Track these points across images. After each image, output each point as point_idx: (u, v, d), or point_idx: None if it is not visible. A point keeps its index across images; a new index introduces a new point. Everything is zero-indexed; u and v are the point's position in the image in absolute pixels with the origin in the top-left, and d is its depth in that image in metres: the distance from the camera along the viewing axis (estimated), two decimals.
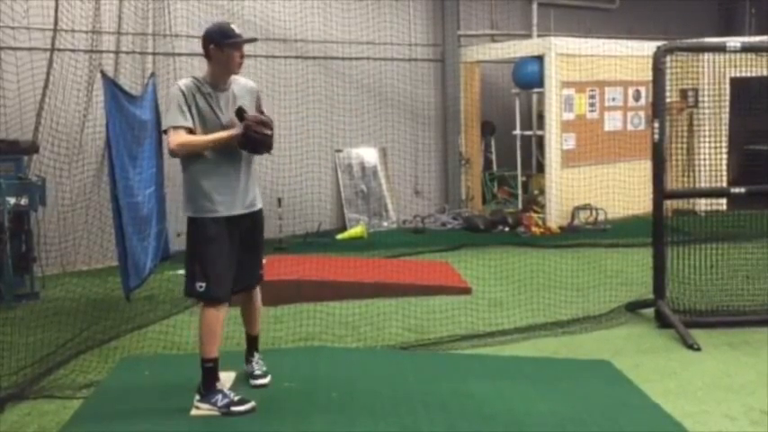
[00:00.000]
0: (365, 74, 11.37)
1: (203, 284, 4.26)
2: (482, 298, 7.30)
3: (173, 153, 4.22)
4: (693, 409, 4.62)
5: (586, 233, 10.47)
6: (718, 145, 8.03)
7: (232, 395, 4.38)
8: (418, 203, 11.90)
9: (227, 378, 4.73)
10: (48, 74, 8.26)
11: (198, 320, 4.46)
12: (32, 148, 7.90)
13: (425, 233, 10.92)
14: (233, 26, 4.34)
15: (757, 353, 5.63)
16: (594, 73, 11.03)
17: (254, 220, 4.49)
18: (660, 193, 6.42)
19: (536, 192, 11.48)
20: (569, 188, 10.83)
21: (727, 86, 9.32)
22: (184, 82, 4.30)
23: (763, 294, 6.57)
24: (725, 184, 8.45)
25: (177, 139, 4.17)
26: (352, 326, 6.51)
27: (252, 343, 4.85)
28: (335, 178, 11.19)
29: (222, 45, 4.23)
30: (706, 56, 7.26)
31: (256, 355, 4.83)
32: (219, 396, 4.33)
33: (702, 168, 7.61)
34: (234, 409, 4.31)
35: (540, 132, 11.40)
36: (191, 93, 4.23)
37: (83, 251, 8.75)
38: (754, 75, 8.91)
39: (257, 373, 4.75)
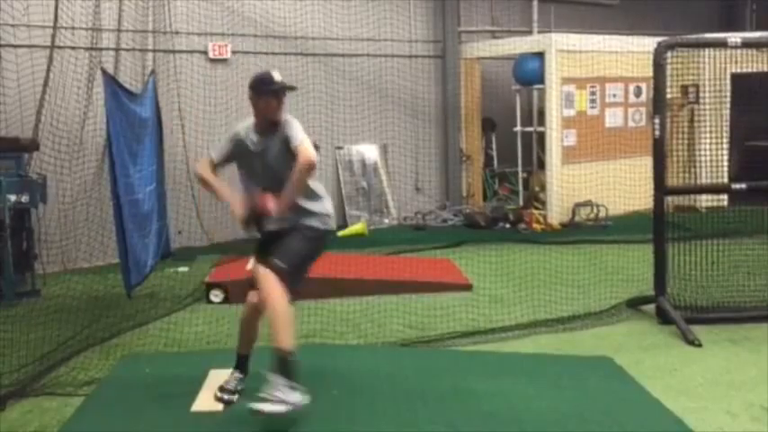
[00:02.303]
0: (365, 70, 11.35)
1: None
2: (483, 295, 7.30)
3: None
4: (694, 405, 4.62)
5: (587, 230, 10.46)
6: (718, 141, 8.02)
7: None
8: (419, 200, 11.89)
9: (226, 375, 4.73)
10: (48, 71, 8.25)
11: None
12: (33, 145, 7.90)
13: (426, 230, 10.92)
14: (274, 73, 4.51)
15: (758, 349, 5.63)
16: (595, 69, 11.00)
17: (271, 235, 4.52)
18: (661, 189, 6.41)
19: (537, 188, 11.47)
20: (570, 185, 10.82)
21: (728, 82, 9.30)
22: (238, 126, 4.63)
23: (765, 290, 6.56)
24: (726, 181, 8.44)
25: (200, 166, 4.66)
26: (352, 323, 6.51)
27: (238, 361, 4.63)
28: (336, 175, 11.19)
29: (259, 92, 4.42)
30: (707, 52, 7.23)
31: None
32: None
33: (703, 165, 7.61)
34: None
35: (540, 129, 11.37)
36: (237, 135, 4.55)
37: (83, 248, 8.75)
38: (755, 71, 8.90)
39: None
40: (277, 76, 4.45)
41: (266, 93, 4.38)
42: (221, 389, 4.56)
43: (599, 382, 4.94)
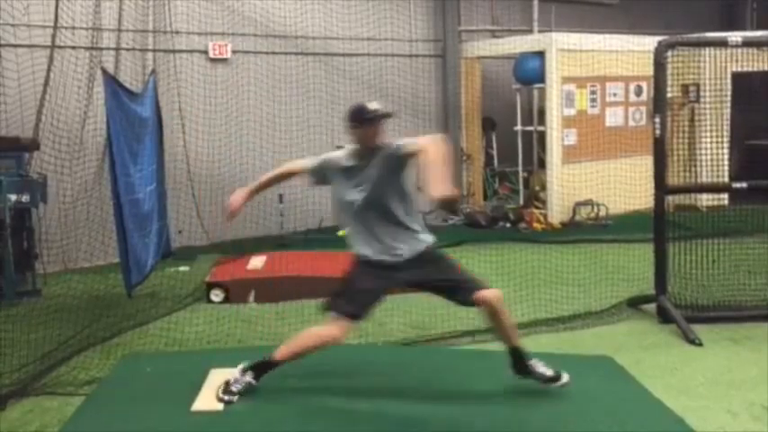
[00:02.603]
0: (366, 70, 11.35)
1: None
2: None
3: None
4: (695, 404, 4.62)
5: (588, 229, 10.46)
6: (719, 140, 8.02)
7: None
8: (419, 199, 11.87)
9: (227, 374, 4.73)
10: (48, 71, 8.26)
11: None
12: (33, 145, 7.90)
13: None
14: (372, 104, 4.60)
15: (759, 348, 5.63)
16: (596, 68, 11.00)
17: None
18: (661, 188, 6.41)
19: (537, 188, 11.46)
20: (570, 184, 10.82)
21: (729, 81, 9.30)
22: (332, 154, 4.74)
23: (765, 289, 6.56)
24: (726, 180, 8.43)
25: (289, 163, 4.94)
26: None
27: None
28: None
29: (357, 122, 4.51)
30: (707, 51, 7.23)
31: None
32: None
33: (704, 164, 7.60)
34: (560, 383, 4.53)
35: (541, 128, 11.37)
36: (334, 159, 4.64)
37: (84, 248, 8.75)
38: (755, 70, 8.90)
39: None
40: (373, 105, 4.58)
41: (364, 121, 4.47)
42: (226, 389, 4.49)
43: (599, 382, 4.94)
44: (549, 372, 4.55)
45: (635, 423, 4.32)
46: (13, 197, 7.29)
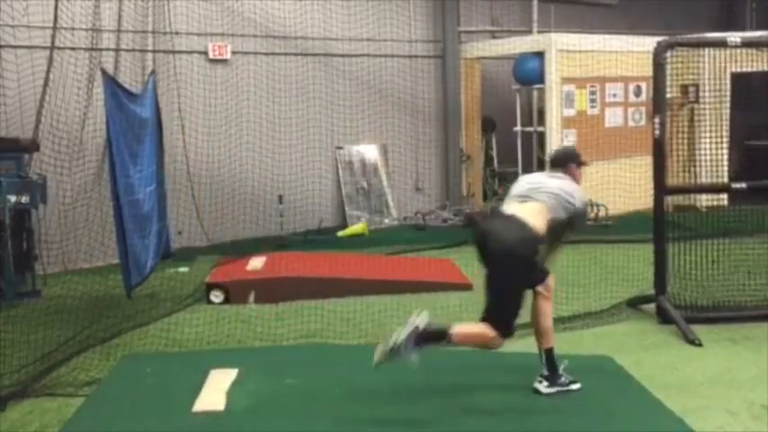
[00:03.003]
0: (365, 70, 11.36)
1: None
2: (483, 294, 7.28)
3: None
4: (695, 404, 4.62)
5: (587, 229, 10.44)
6: (718, 140, 8.03)
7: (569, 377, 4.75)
8: (419, 200, 11.89)
9: (229, 374, 4.74)
10: (48, 72, 8.24)
11: None
12: (33, 146, 7.89)
13: (426, 230, 10.91)
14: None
15: (758, 348, 5.63)
16: (595, 69, 11.01)
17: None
18: (661, 189, 6.41)
19: None
20: None
21: (728, 82, 9.30)
22: None
23: (765, 290, 6.56)
24: (726, 180, 8.44)
25: None
26: (353, 323, 6.51)
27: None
28: (336, 175, 11.19)
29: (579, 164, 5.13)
30: (707, 51, 7.24)
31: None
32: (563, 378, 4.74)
33: (703, 164, 7.60)
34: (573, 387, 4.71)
35: (540, 129, 11.38)
36: None
37: (84, 249, 8.75)
38: (754, 70, 8.91)
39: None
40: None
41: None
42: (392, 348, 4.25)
43: (599, 382, 4.94)
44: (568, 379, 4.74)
45: (635, 423, 4.32)
46: (13, 198, 7.29)
